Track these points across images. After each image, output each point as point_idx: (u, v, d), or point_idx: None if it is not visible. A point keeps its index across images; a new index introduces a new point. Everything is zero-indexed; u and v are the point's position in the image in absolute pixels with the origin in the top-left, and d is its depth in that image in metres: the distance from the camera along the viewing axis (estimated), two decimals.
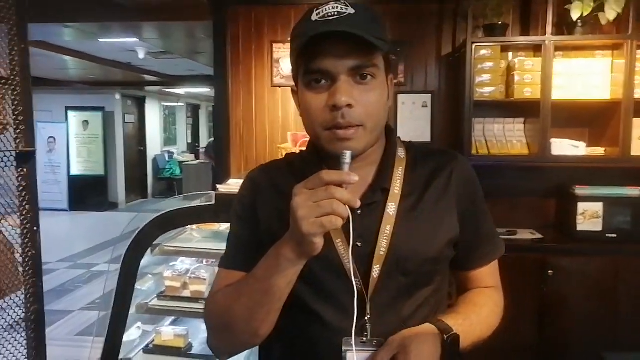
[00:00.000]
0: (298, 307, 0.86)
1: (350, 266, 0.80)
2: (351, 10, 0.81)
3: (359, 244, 0.85)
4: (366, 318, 0.84)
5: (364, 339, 0.83)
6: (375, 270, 0.85)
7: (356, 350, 0.82)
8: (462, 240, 0.93)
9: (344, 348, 0.83)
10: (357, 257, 0.84)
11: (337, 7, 0.81)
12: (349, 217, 0.73)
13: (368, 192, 0.89)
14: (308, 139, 0.96)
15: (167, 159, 11.47)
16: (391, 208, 0.87)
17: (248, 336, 0.86)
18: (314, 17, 0.82)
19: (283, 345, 0.94)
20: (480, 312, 0.92)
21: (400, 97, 3.26)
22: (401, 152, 0.94)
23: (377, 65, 0.83)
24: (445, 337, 0.82)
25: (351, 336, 0.80)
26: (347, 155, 0.76)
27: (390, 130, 0.95)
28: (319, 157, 0.91)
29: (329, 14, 0.81)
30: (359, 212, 0.84)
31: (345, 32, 0.78)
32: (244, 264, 0.89)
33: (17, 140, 1.68)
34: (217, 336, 0.92)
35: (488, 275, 0.99)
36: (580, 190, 2.86)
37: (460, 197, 0.92)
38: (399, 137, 0.97)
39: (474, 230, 0.95)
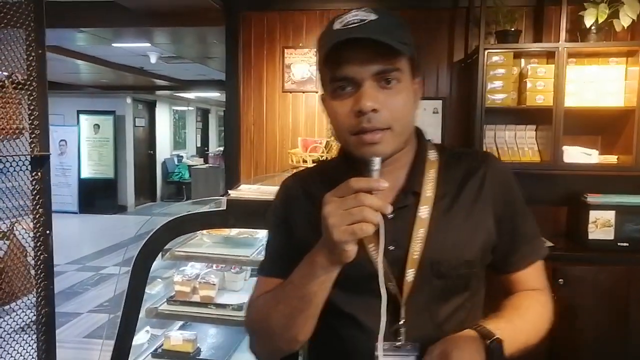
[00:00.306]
0: (333, 311, 0.86)
1: (380, 270, 0.79)
2: (373, 17, 0.82)
3: (392, 248, 0.85)
4: (400, 322, 0.83)
5: (398, 343, 0.83)
6: (409, 274, 0.85)
7: (389, 355, 0.82)
8: (501, 241, 0.92)
9: (376, 353, 0.83)
10: (391, 261, 0.84)
11: (358, 15, 0.82)
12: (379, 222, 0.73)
13: (400, 196, 0.89)
14: (317, 145, 0.97)
15: (176, 162, 11.52)
16: (423, 211, 0.87)
17: (287, 342, 0.88)
18: (336, 25, 0.83)
19: (318, 349, 0.94)
20: (524, 315, 0.89)
21: None
22: (432, 155, 0.94)
23: (401, 69, 0.84)
24: (488, 342, 0.80)
25: (385, 340, 0.81)
26: (376, 161, 0.76)
27: (420, 134, 0.95)
28: (347, 164, 0.91)
29: (351, 22, 0.82)
30: (390, 215, 0.82)
31: (367, 37, 0.78)
32: (281, 271, 0.90)
33: (32, 145, 1.69)
34: (258, 342, 0.94)
35: (532, 277, 0.96)
36: (592, 199, 2.83)
37: (496, 198, 0.91)
38: (429, 140, 0.97)
39: (513, 231, 0.93)
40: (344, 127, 0.84)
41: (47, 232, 1.75)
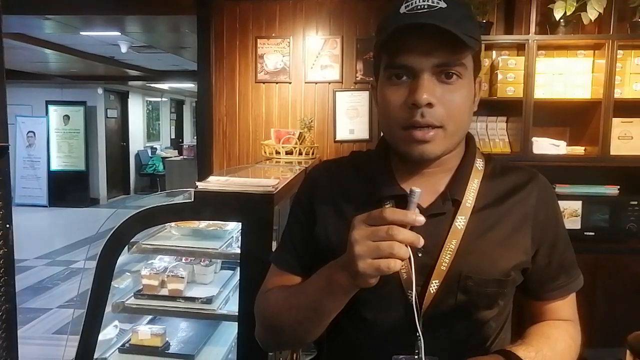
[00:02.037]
0: (348, 313, 0.82)
1: (414, 304, 0.75)
2: (443, 4, 0.75)
3: (420, 255, 0.79)
4: (418, 334, 0.77)
5: (416, 357, 0.78)
6: (434, 284, 0.80)
7: None
8: (538, 266, 0.87)
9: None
10: (416, 268, 0.77)
11: (428, 0, 0.75)
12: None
13: (437, 201, 0.83)
14: (290, 137, 0.94)
15: (150, 154, 11.33)
16: (460, 222, 0.81)
17: (295, 341, 0.88)
18: (402, 9, 0.77)
19: (331, 349, 0.92)
20: (554, 347, 0.84)
21: None
22: (479, 164, 0.88)
23: (465, 65, 0.78)
24: None
25: (400, 351, 0.79)
26: (416, 194, 0.69)
27: (471, 139, 0.91)
28: (385, 158, 0.88)
29: (419, 7, 0.75)
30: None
31: (433, 25, 0.72)
32: (298, 267, 0.90)
33: None
34: (265, 334, 0.92)
35: (565, 307, 0.91)
36: (560, 189, 2.88)
37: (538, 221, 0.85)
38: (478, 148, 0.92)
39: (553, 257, 0.88)
40: (395, 119, 0.79)
41: (7, 225, 1.68)
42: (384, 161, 0.88)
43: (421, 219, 0.68)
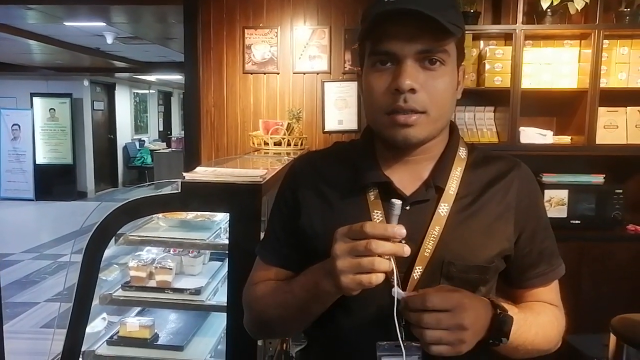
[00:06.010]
0: (334, 302, 0.80)
1: (395, 286, 0.75)
2: None
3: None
4: (401, 321, 0.77)
5: (399, 342, 0.77)
6: (417, 270, 0.80)
7: (390, 354, 0.78)
8: (519, 254, 0.88)
9: (378, 353, 0.79)
10: (398, 272, 0.76)
11: None
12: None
13: (421, 189, 0.84)
14: (278, 127, 0.94)
15: (138, 147, 11.23)
16: (443, 209, 0.82)
17: (282, 333, 0.94)
18: None
19: (317, 338, 0.92)
20: (537, 316, 0.86)
21: None
22: (462, 152, 0.89)
23: (448, 52, 0.79)
24: (498, 311, 0.77)
25: (384, 338, 0.79)
26: (397, 206, 0.69)
27: (454, 128, 0.91)
28: (371, 147, 0.89)
29: None
30: (407, 207, 0.79)
31: (416, 11, 0.73)
32: (283, 260, 0.91)
33: None
34: (253, 324, 0.95)
35: (547, 293, 0.92)
36: (547, 178, 2.91)
37: (520, 209, 0.87)
38: (461, 137, 0.93)
39: (533, 246, 0.89)
40: (378, 105, 0.80)
41: None
42: (368, 149, 0.89)
43: (402, 232, 0.68)
